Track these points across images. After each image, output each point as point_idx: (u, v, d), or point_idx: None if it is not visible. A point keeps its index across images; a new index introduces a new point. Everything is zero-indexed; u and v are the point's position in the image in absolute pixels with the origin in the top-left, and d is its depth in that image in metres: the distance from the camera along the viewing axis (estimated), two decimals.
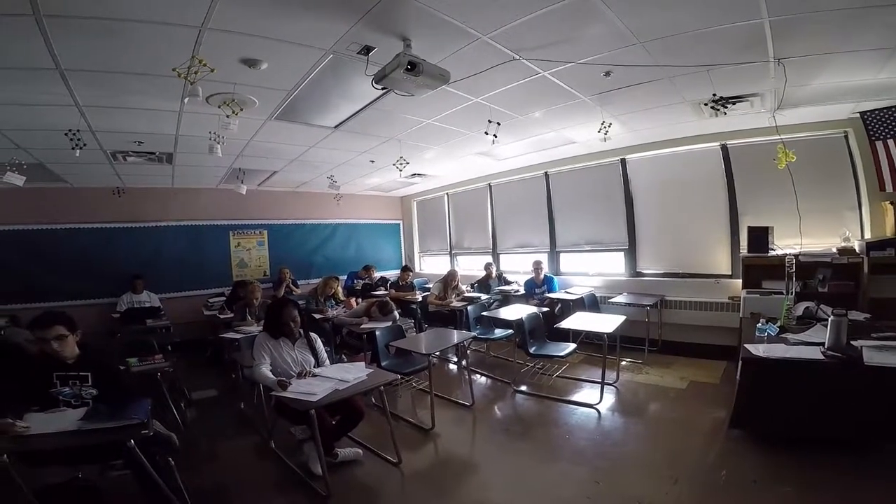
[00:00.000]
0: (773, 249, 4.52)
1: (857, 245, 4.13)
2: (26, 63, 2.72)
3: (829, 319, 2.96)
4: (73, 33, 2.42)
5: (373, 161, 6.14)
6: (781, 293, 3.98)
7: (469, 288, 6.86)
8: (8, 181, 4.33)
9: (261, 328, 3.95)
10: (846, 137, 4.57)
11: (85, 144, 4.01)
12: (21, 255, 6.17)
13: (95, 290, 6.55)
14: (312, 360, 3.27)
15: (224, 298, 6.67)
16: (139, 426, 2.13)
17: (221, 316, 5.66)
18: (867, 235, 4.35)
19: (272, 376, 2.99)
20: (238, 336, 4.37)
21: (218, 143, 3.94)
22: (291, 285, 7.46)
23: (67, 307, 4.39)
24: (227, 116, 3.40)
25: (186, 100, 2.95)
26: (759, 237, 4.51)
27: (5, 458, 1.93)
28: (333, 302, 6.03)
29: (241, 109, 3.50)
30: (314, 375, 3.03)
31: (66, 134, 3.83)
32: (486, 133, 4.27)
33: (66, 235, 6.49)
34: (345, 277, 8.20)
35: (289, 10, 2.38)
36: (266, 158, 5.70)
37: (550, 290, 6.39)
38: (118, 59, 2.78)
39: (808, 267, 4.17)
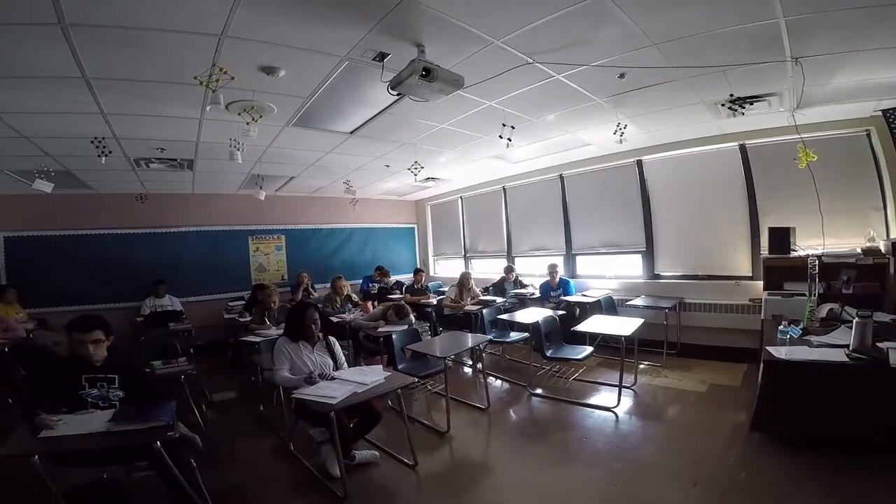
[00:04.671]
0: (795, 250, 4.44)
1: (882, 245, 4.03)
2: (53, 72, 2.82)
3: (854, 321, 2.90)
4: (98, 42, 2.51)
5: (388, 166, 6.20)
6: (804, 295, 3.91)
7: (483, 291, 6.86)
8: (37, 188, 4.48)
9: (279, 331, 4.01)
10: (868, 136, 4.48)
11: (110, 152, 4.14)
12: (48, 259, 6.38)
13: (119, 294, 6.74)
14: (331, 363, 3.31)
15: (244, 302, 6.77)
16: (165, 428, 2.17)
17: (241, 319, 5.74)
18: (893, 235, 4.25)
19: (294, 377, 3.05)
20: (258, 339, 4.43)
21: (238, 149, 4.03)
22: (310, 289, 7.53)
23: (93, 311, 4.52)
24: (248, 124, 3.47)
25: (209, 107, 3.03)
26: (781, 238, 4.43)
27: (36, 458, 1.99)
28: (350, 305, 6.08)
29: (261, 116, 3.57)
30: (333, 378, 3.07)
31: (92, 141, 3.95)
32: (501, 136, 4.28)
33: (91, 241, 6.69)
34: (360, 281, 8.27)
35: (305, 18, 2.44)
36: (284, 164, 5.80)
37: (566, 293, 6.36)
38: (141, 68, 2.87)
39: (831, 268, 4.09)
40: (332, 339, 3.46)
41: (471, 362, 5.60)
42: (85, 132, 3.88)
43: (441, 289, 8.08)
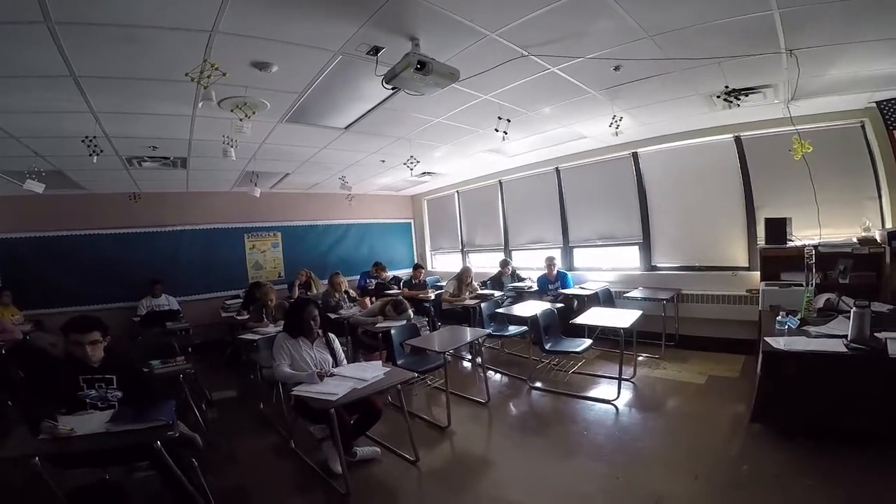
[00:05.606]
0: (791, 241, 4.45)
1: (878, 235, 4.05)
2: (41, 71, 2.76)
3: (852, 311, 2.90)
4: (85, 40, 2.46)
5: (383, 161, 6.16)
6: (801, 285, 3.92)
7: (481, 285, 6.86)
8: (28, 188, 4.43)
9: (277, 329, 4.00)
10: (863, 127, 4.48)
11: (101, 151, 4.09)
12: (43, 261, 6.32)
13: (115, 294, 6.70)
14: (330, 360, 3.31)
15: (241, 300, 6.75)
16: (165, 427, 2.17)
17: (239, 318, 5.73)
18: (888, 225, 4.26)
19: (298, 372, 3.06)
20: (256, 337, 4.42)
21: (231, 146, 4.00)
22: (314, 285, 7.47)
23: (89, 312, 4.51)
24: (241, 120, 3.43)
25: (201, 104, 2.99)
26: (777, 228, 4.43)
27: (37, 460, 1.98)
28: (346, 297, 6.08)
29: (254, 113, 3.53)
30: (332, 375, 3.06)
31: (83, 141, 3.90)
32: (496, 130, 4.27)
33: (85, 241, 6.63)
34: (358, 277, 8.25)
35: (297, 12, 2.40)
36: (278, 161, 5.76)
37: (564, 285, 6.36)
38: (131, 65, 2.81)
39: (828, 258, 4.09)
40: (331, 335, 3.46)
41: (470, 357, 5.61)
42: (75, 131, 3.82)
43: (439, 283, 8.07)
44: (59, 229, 6.47)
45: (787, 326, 3.31)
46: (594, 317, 4.52)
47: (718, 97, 4.07)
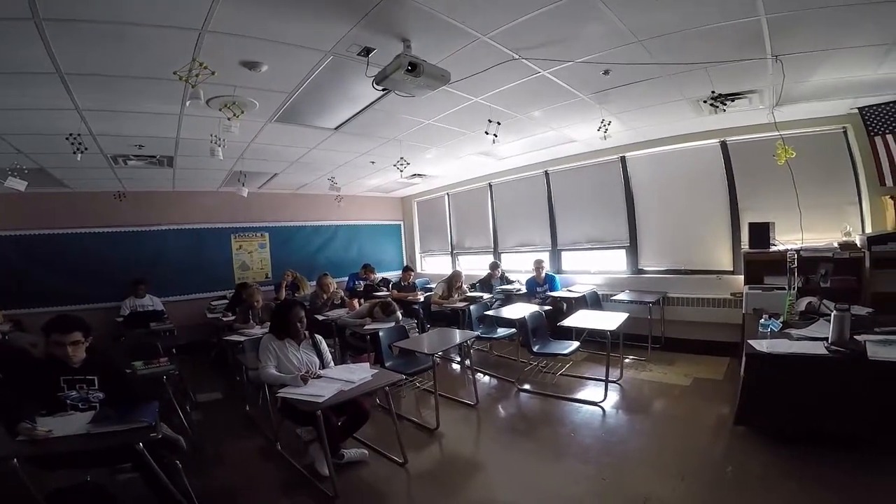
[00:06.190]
0: (774, 245, 4.52)
1: (858, 240, 4.13)
2: (26, 67, 2.71)
3: (832, 314, 2.96)
4: (73, 37, 2.42)
5: (373, 162, 6.15)
6: (784, 289, 3.98)
7: (471, 288, 6.87)
8: (10, 186, 4.34)
9: (264, 330, 3.97)
10: (845, 133, 4.58)
11: (86, 149, 4.02)
12: (24, 260, 6.19)
13: (98, 294, 6.57)
14: (317, 361, 3.29)
15: (227, 301, 6.68)
16: (147, 429, 2.14)
17: (224, 319, 5.66)
18: (868, 230, 4.35)
19: (283, 375, 3.03)
20: (242, 338, 4.37)
21: (219, 145, 3.96)
22: (302, 285, 7.42)
23: (71, 312, 4.42)
24: (228, 119, 3.40)
25: (188, 103, 2.96)
26: (761, 233, 4.50)
27: (15, 461, 1.94)
28: (337, 297, 6.06)
29: (242, 112, 3.50)
30: (319, 377, 3.04)
31: (67, 138, 3.83)
32: (487, 133, 4.28)
33: (68, 240, 6.50)
34: (346, 279, 8.21)
35: (288, 12, 2.39)
36: (267, 161, 5.71)
37: (552, 288, 6.40)
38: (118, 63, 2.78)
39: (809, 262, 4.16)
40: (318, 337, 3.44)
41: (459, 359, 5.61)
42: (60, 129, 3.75)
43: (428, 285, 8.06)
44: (41, 228, 6.33)
45: (769, 329, 3.36)
46: (581, 319, 4.55)
47: (705, 102, 4.13)
